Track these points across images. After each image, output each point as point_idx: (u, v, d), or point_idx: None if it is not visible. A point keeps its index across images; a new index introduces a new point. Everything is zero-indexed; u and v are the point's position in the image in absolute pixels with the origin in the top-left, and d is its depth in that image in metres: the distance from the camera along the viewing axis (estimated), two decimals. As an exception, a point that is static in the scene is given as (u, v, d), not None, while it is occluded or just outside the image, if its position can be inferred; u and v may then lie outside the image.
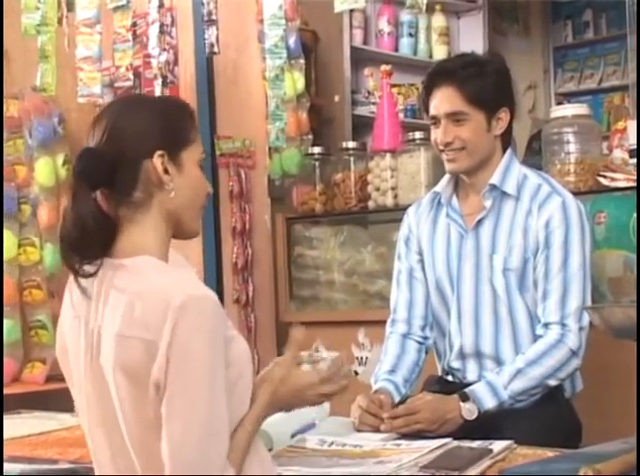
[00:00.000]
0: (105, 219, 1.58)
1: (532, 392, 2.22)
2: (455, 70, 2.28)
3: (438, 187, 2.44)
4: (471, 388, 2.21)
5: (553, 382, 2.23)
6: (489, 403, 2.18)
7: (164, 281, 1.52)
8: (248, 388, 1.60)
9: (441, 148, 2.31)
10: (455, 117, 2.27)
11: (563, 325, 2.23)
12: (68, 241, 1.56)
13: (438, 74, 2.32)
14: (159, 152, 1.58)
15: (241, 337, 1.61)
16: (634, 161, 2.86)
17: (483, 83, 2.27)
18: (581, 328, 2.22)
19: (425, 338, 2.44)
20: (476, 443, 1.90)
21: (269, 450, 1.74)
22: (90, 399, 1.59)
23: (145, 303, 1.48)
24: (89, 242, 1.56)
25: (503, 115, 2.32)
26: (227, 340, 1.54)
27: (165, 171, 1.59)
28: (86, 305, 1.59)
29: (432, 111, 2.31)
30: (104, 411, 1.56)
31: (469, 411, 2.16)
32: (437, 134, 2.31)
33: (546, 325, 2.25)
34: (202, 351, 1.46)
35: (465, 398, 2.18)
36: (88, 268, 1.56)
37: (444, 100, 2.28)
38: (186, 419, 1.44)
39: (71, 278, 1.60)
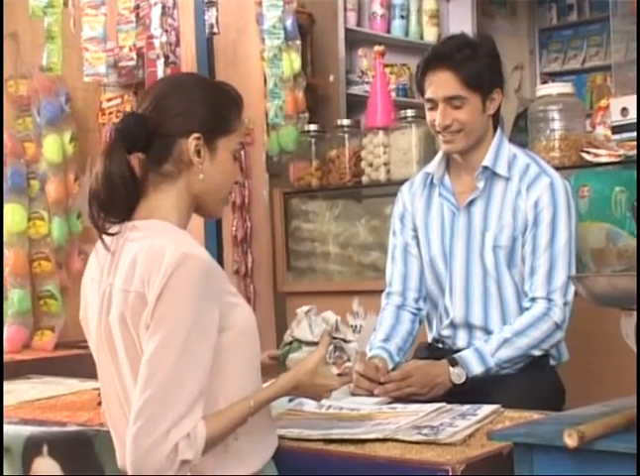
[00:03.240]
0: (133, 181, 1.59)
1: (517, 360, 2.22)
2: (451, 54, 2.23)
3: (429, 168, 2.41)
4: (459, 354, 2.21)
5: (537, 352, 2.23)
6: (477, 368, 2.18)
7: (165, 239, 1.52)
8: (251, 357, 1.59)
9: (438, 130, 2.27)
10: (453, 101, 2.23)
11: (549, 300, 2.22)
12: (97, 199, 1.57)
13: (434, 58, 2.26)
14: (195, 134, 1.59)
15: (247, 306, 1.61)
16: (616, 137, 2.84)
17: (478, 66, 2.23)
18: (565, 303, 2.22)
19: (419, 310, 2.43)
20: (465, 407, 1.90)
21: None
22: (102, 358, 1.60)
23: (144, 260, 1.50)
24: (116, 201, 1.57)
25: (497, 95, 2.29)
26: (228, 305, 1.54)
27: (198, 153, 1.59)
28: (100, 269, 1.59)
29: (429, 94, 2.27)
30: (117, 369, 1.56)
31: (457, 375, 2.16)
32: (434, 116, 2.27)
33: (533, 299, 2.24)
34: (187, 304, 1.46)
35: (454, 363, 2.18)
36: (111, 227, 1.57)
37: (441, 84, 2.24)
38: (154, 363, 1.45)
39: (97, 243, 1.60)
